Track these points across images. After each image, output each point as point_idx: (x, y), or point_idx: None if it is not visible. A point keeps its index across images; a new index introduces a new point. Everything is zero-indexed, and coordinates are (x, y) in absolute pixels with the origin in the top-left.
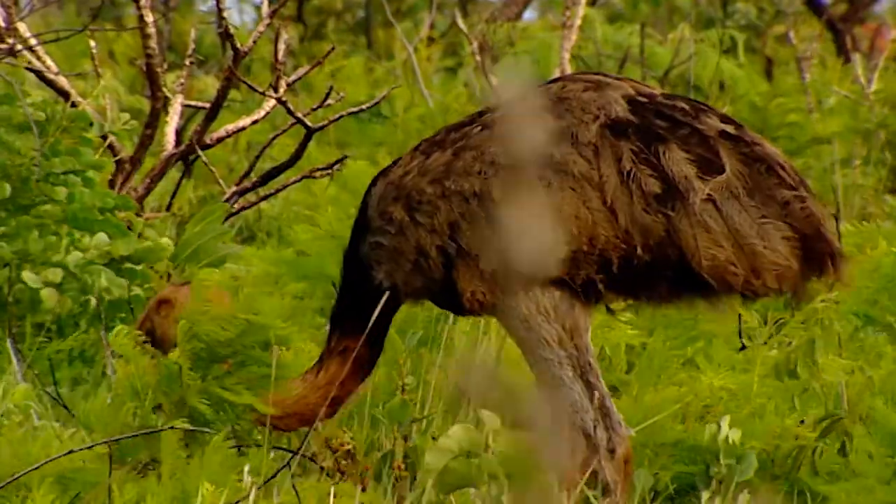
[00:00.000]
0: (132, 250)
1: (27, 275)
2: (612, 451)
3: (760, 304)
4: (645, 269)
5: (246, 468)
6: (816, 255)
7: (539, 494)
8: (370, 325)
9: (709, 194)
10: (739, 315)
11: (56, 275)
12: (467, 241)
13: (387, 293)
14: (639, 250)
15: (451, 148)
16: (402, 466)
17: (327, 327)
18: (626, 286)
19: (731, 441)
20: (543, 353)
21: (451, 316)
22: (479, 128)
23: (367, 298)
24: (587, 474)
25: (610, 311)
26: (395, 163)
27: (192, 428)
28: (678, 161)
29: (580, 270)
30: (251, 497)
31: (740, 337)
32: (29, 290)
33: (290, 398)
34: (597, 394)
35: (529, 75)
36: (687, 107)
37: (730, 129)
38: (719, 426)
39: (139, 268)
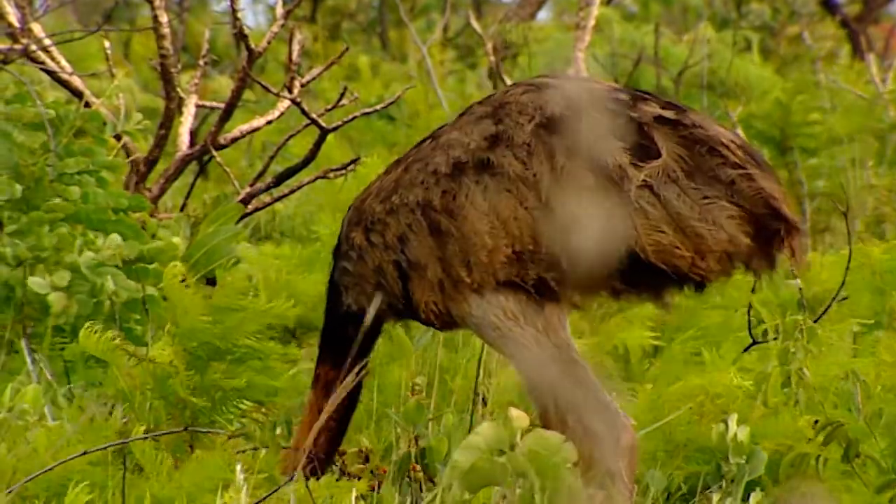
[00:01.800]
0: (137, 253)
1: (34, 280)
2: (616, 441)
3: (776, 302)
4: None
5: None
6: (770, 231)
7: (568, 493)
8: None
9: (644, 180)
10: (749, 311)
11: (63, 279)
12: (415, 252)
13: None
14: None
15: (405, 164)
16: (418, 468)
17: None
18: (581, 281)
19: (739, 440)
20: (523, 357)
21: None
22: (430, 140)
23: (341, 324)
24: (592, 470)
25: (576, 307)
26: (367, 187)
27: (204, 430)
28: (611, 151)
29: (529, 271)
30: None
31: (750, 334)
32: (38, 294)
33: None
34: (588, 387)
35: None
36: (626, 97)
37: (669, 114)
38: (727, 425)
39: (151, 267)
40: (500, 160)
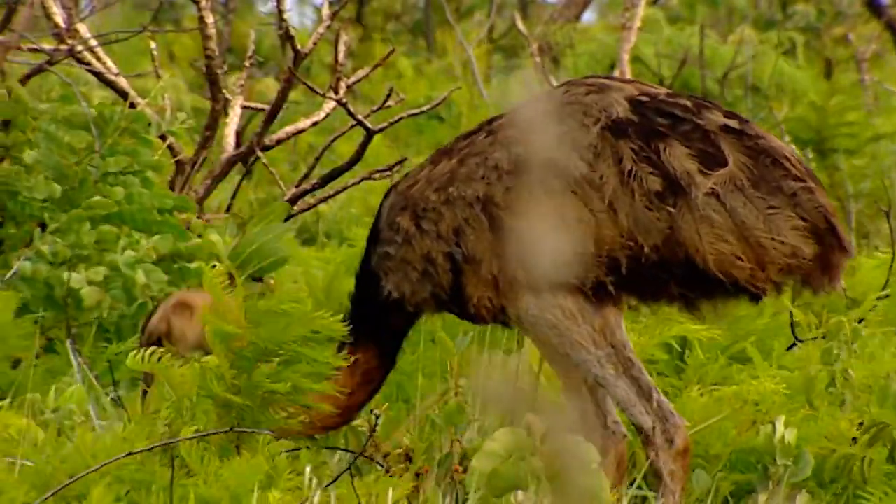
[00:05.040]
0: (173, 248)
1: (72, 276)
2: (670, 442)
3: (818, 302)
4: (654, 269)
5: (307, 469)
6: (825, 246)
7: (583, 497)
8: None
9: (711, 188)
10: (791, 312)
11: (98, 274)
12: (472, 246)
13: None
14: (646, 249)
15: (458, 156)
16: (459, 469)
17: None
18: (638, 287)
19: (787, 441)
20: (580, 356)
21: None
22: (485, 134)
23: (377, 310)
24: (622, 471)
25: (633, 309)
26: (407, 174)
27: (249, 430)
28: (679, 157)
29: (589, 273)
30: (316, 499)
31: (793, 333)
32: (78, 292)
33: (309, 409)
34: (642, 387)
35: (531, 86)
36: (689, 103)
37: (733, 123)
38: (774, 426)
39: (193, 266)
40: (566, 161)
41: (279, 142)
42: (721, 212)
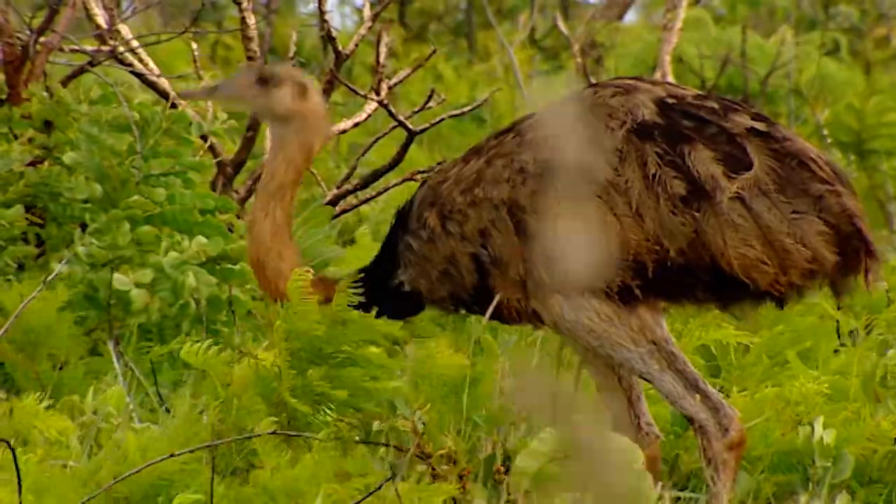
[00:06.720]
0: (220, 250)
1: (117, 277)
2: (725, 431)
3: (861, 305)
4: (680, 273)
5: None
6: (851, 249)
7: (625, 493)
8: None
9: (737, 192)
10: (837, 321)
11: (146, 276)
12: (498, 248)
13: None
14: (671, 253)
15: (486, 155)
16: (502, 469)
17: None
18: (664, 290)
19: (825, 443)
20: (623, 355)
21: None
22: (513, 135)
23: (385, 288)
24: (656, 472)
25: (664, 310)
26: (442, 168)
27: (294, 433)
28: (704, 161)
29: (615, 277)
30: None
31: (839, 337)
32: (122, 294)
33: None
34: (689, 378)
35: (563, 87)
36: (716, 106)
37: (760, 126)
38: (813, 428)
39: (237, 267)
40: (591, 164)
41: None
42: (745, 216)
